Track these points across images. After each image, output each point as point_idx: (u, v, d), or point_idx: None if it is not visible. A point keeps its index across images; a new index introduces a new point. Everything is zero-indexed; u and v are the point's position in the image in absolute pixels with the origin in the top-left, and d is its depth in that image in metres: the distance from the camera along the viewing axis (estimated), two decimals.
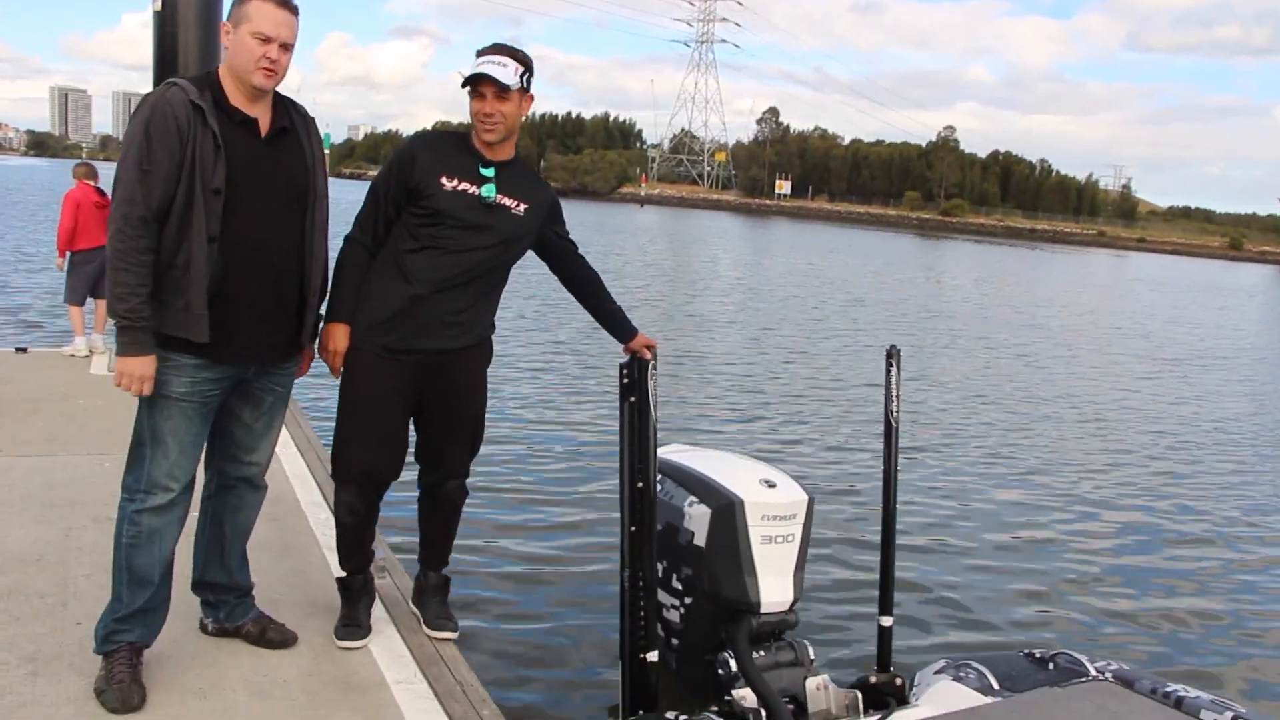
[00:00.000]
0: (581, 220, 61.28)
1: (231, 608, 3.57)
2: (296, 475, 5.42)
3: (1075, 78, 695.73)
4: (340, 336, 3.49)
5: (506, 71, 3.42)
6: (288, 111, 3.21)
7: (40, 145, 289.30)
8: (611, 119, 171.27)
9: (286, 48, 3.04)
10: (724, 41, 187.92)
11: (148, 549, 3.13)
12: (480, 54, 3.48)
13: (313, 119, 3.30)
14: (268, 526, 4.68)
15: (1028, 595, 6.43)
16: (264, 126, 3.11)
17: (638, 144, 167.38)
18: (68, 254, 8.81)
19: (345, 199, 5.85)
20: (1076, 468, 10.06)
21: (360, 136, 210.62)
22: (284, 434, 6.14)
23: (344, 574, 3.79)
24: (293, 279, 3.21)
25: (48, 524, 4.51)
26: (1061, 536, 7.75)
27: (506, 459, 8.19)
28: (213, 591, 3.55)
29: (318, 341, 3.49)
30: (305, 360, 3.46)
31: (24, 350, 9.06)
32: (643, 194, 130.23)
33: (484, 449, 3.90)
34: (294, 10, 3.05)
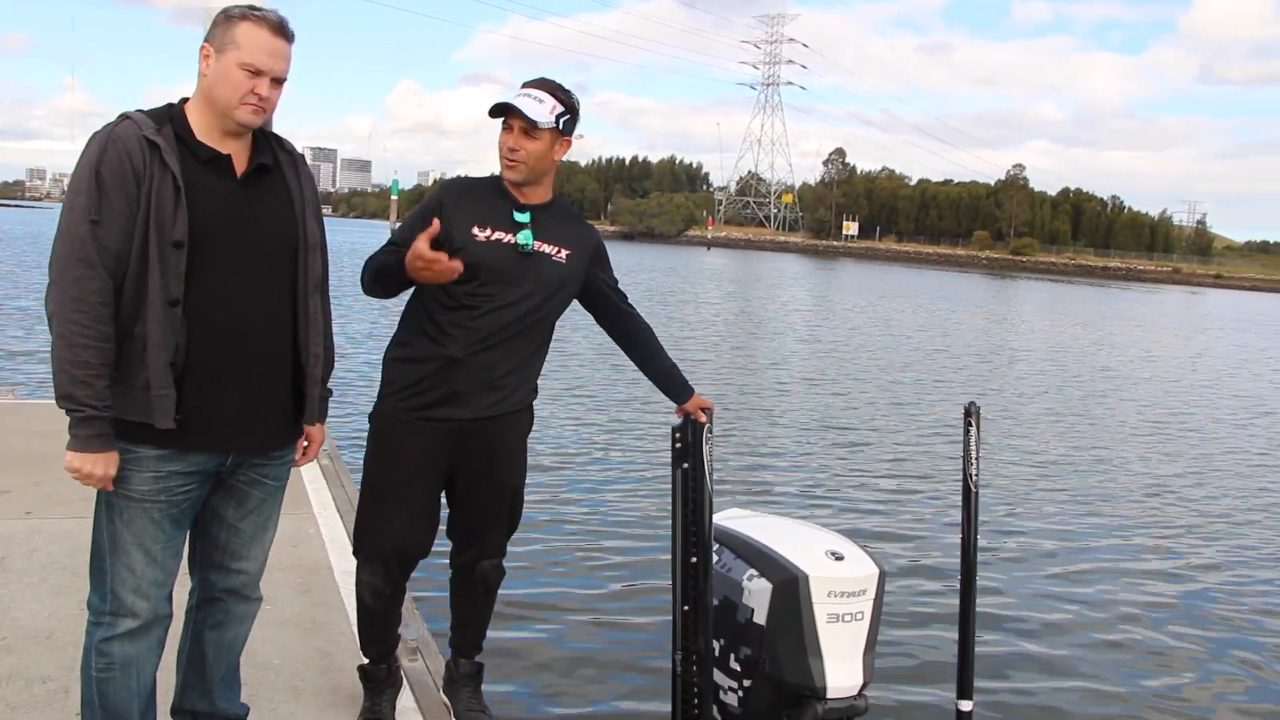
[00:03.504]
0: (648, 263, 61.28)
1: None
2: (334, 541, 5.08)
3: (1147, 113, 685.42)
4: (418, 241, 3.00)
5: (541, 109, 3.11)
6: (270, 147, 2.70)
7: None
8: (678, 162, 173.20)
9: (279, 82, 2.59)
10: (790, 84, 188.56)
11: (123, 681, 2.66)
12: (524, 86, 3.18)
13: (301, 156, 2.81)
14: (297, 599, 4.41)
15: (1122, 682, 5.80)
16: (239, 164, 2.62)
17: (704, 187, 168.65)
18: None
19: None
20: (1190, 535, 8.98)
21: (430, 182, 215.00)
22: (325, 495, 5.87)
23: (366, 661, 3.47)
24: (280, 348, 2.70)
25: (65, 595, 4.20)
26: (1166, 614, 6.87)
27: (544, 531, 7.55)
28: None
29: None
30: (313, 444, 2.89)
31: None
32: (709, 236, 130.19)
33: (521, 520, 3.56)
34: (290, 38, 2.59)
